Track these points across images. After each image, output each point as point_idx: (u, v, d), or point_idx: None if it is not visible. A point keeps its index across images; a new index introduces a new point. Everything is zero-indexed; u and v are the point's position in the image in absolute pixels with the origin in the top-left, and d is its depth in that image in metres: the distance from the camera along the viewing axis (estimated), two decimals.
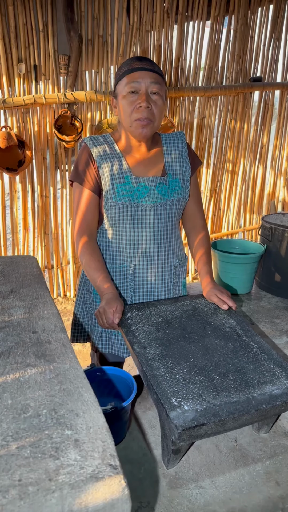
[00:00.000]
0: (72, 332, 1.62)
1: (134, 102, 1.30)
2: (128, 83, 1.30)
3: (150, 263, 1.45)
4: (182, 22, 3.01)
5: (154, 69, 1.31)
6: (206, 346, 1.18)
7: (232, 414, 0.95)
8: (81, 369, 0.85)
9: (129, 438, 1.17)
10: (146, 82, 1.29)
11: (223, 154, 3.52)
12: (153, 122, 1.34)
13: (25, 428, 0.68)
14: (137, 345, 1.17)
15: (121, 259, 1.45)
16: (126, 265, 1.45)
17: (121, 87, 1.33)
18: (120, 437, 1.15)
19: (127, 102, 1.32)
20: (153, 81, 1.30)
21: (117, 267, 1.46)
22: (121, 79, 1.34)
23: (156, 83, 1.30)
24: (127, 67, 1.32)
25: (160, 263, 1.47)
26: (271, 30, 3.29)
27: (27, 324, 1.03)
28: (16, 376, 0.82)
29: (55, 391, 0.78)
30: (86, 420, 0.71)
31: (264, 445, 1.16)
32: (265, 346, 1.20)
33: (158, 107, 1.33)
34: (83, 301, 1.58)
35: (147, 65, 1.31)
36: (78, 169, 1.42)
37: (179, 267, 1.54)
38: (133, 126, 1.33)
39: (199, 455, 1.12)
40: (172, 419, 0.92)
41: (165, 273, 1.49)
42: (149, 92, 1.31)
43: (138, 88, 1.30)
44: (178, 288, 1.56)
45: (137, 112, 1.31)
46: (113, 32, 2.86)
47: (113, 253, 1.46)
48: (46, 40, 2.72)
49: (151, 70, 1.30)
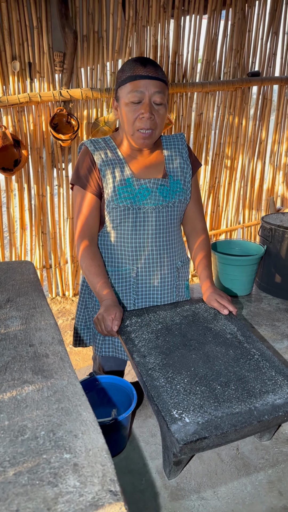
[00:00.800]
0: (74, 336, 1.61)
1: (137, 111, 1.29)
2: (131, 91, 1.27)
3: (153, 266, 1.44)
4: (179, 17, 2.96)
5: (158, 77, 1.28)
6: (207, 354, 1.17)
7: (234, 426, 0.93)
8: (79, 385, 0.83)
9: (130, 448, 1.16)
10: (150, 91, 1.27)
11: (222, 150, 3.48)
12: (155, 131, 1.33)
13: (22, 452, 0.67)
14: (137, 354, 1.15)
15: (124, 262, 1.44)
16: (129, 268, 1.44)
17: (124, 93, 1.30)
18: (121, 447, 1.14)
19: (129, 110, 1.30)
20: (157, 90, 1.27)
21: (120, 270, 1.45)
22: (124, 84, 1.30)
23: (159, 93, 1.28)
24: (130, 72, 1.28)
25: (162, 265, 1.45)
26: (269, 23, 3.24)
27: (24, 336, 1.01)
28: (13, 394, 0.80)
29: (53, 410, 0.76)
30: (85, 441, 0.70)
31: (266, 453, 1.14)
32: (267, 353, 1.18)
33: (161, 116, 1.32)
34: (85, 305, 1.57)
35: (151, 72, 1.27)
36: (79, 173, 1.40)
37: (181, 269, 1.52)
38: (135, 136, 1.33)
39: (200, 465, 1.10)
40: (173, 433, 0.91)
41: (168, 276, 1.48)
42: (152, 102, 1.28)
43: (141, 97, 1.27)
44: (181, 291, 1.54)
45: (140, 121, 1.29)
46: (108, 28, 2.81)
47: (115, 256, 1.45)
48: (40, 37, 2.67)
49: (155, 78, 1.27)
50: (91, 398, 1.20)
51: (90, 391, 1.19)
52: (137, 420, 1.25)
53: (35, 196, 3.05)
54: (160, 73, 1.29)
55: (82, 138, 3.00)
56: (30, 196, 3.04)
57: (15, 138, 2.71)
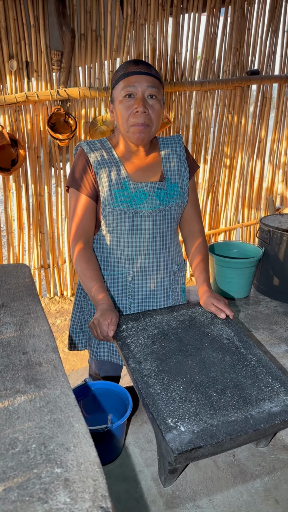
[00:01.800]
0: (69, 339, 1.60)
1: (130, 106, 1.27)
2: (124, 88, 1.27)
3: (149, 270, 1.43)
4: (177, 15, 2.93)
5: (150, 73, 1.28)
6: (203, 360, 1.16)
7: (229, 435, 0.92)
8: (73, 395, 0.82)
9: (125, 454, 1.15)
10: (143, 86, 1.26)
11: (221, 149, 3.46)
12: (151, 127, 1.30)
13: (13, 466, 0.66)
14: (132, 360, 1.14)
15: (120, 266, 1.43)
16: (125, 272, 1.43)
17: (117, 91, 1.30)
18: (116, 454, 1.13)
19: (123, 107, 1.28)
20: (149, 84, 1.26)
21: (116, 274, 1.44)
22: (117, 83, 1.30)
23: (153, 87, 1.27)
24: (123, 71, 1.29)
25: (159, 269, 1.44)
26: (269, 21, 3.21)
27: (17, 343, 1.00)
28: (5, 404, 0.79)
29: (45, 422, 0.75)
30: (77, 455, 0.68)
31: (263, 459, 1.14)
32: (264, 359, 1.17)
33: (156, 112, 1.29)
34: (80, 308, 1.56)
35: (144, 69, 1.27)
36: (74, 175, 1.39)
37: (178, 272, 1.51)
38: (130, 132, 1.30)
39: (196, 472, 1.09)
40: (168, 442, 0.90)
41: (164, 280, 1.46)
42: (145, 96, 1.27)
43: (134, 92, 1.26)
44: (177, 294, 1.53)
45: (134, 117, 1.28)
46: (106, 26, 2.78)
47: (111, 260, 1.43)
48: (38, 36, 2.65)
49: (147, 73, 1.27)
50: (86, 404, 1.19)
51: (85, 397, 1.18)
52: (133, 425, 1.24)
53: (33, 196, 3.03)
54: (153, 70, 1.29)
55: (80, 138, 2.98)
56: (28, 196, 3.02)
57: (13, 137, 2.70)
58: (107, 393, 1.20)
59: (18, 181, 2.95)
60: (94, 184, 1.37)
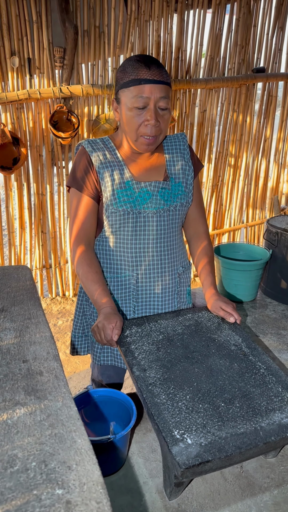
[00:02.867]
0: (71, 344, 1.55)
1: (141, 117, 1.22)
2: (136, 97, 1.20)
3: (154, 272, 1.39)
4: (182, 11, 2.88)
5: (163, 80, 1.21)
6: (210, 368, 1.11)
7: (239, 448, 0.88)
8: (75, 407, 0.78)
9: (129, 465, 1.11)
10: (156, 96, 1.20)
11: (225, 148, 3.41)
12: (159, 136, 1.27)
13: (11, 487, 0.61)
14: (137, 368, 1.10)
15: (123, 268, 1.38)
16: (129, 274, 1.38)
17: (127, 97, 1.22)
18: (119, 465, 1.09)
19: (133, 116, 1.23)
20: (163, 96, 1.21)
21: (119, 276, 1.40)
22: (127, 87, 1.22)
23: (165, 98, 1.22)
24: (134, 75, 1.20)
25: (164, 271, 1.40)
26: (275, 18, 3.16)
27: (17, 351, 0.96)
28: (4, 418, 0.75)
29: (45, 437, 0.71)
30: (79, 474, 0.64)
31: (271, 471, 1.09)
32: (273, 366, 1.13)
33: (165, 121, 1.26)
34: (82, 312, 1.52)
35: (157, 76, 1.20)
36: (75, 175, 1.34)
37: (183, 274, 1.47)
38: (139, 142, 1.27)
39: (203, 484, 1.05)
40: (174, 455, 0.86)
41: (169, 282, 1.42)
42: (157, 108, 1.22)
43: (146, 103, 1.21)
44: (182, 297, 1.49)
45: (145, 128, 1.23)
46: (110, 23, 2.73)
47: (115, 262, 1.39)
48: (40, 32, 2.60)
49: (161, 82, 1.20)
50: (88, 412, 1.15)
51: (87, 405, 1.14)
52: (137, 434, 1.20)
53: (35, 195, 2.99)
54: (165, 75, 1.22)
55: (82, 136, 2.93)
56: (29, 195, 2.98)
57: (14, 136, 2.65)
58: (110, 400, 1.16)
59: (20, 180, 2.90)
60: (96, 184, 1.32)
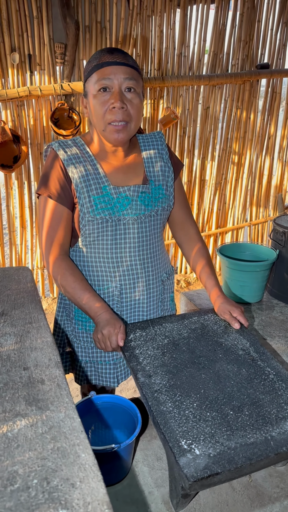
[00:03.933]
0: None
1: (106, 102, 1.14)
2: (98, 80, 1.13)
3: (137, 281, 1.31)
4: (185, 6, 2.83)
5: (128, 63, 1.15)
6: (217, 373, 1.07)
7: (249, 459, 0.84)
8: (78, 418, 0.74)
9: (133, 474, 1.07)
10: (119, 78, 1.13)
11: (229, 146, 3.37)
12: (130, 124, 1.17)
13: (11, 507, 0.58)
14: (141, 374, 1.06)
15: (104, 279, 1.29)
16: (111, 285, 1.30)
17: (91, 85, 1.16)
18: (123, 474, 1.05)
19: (98, 102, 1.15)
20: (127, 76, 1.13)
21: (101, 289, 1.31)
22: (90, 75, 1.16)
23: (130, 79, 1.14)
24: (96, 61, 1.15)
25: (147, 279, 1.33)
26: (279, 13, 3.10)
27: (18, 357, 0.92)
28: (4, 430, 0.71)
29: (47, 451, 0.67)
30: (83, 492, 0.61)
31: (281, 480, 1.06)
32: (283, 372, 1.09)
33: (135, 107, 1.17)
34: (63, 329, 1.42)
35: (120, 58, 1.14)
36: (46, 180, 1.22)
37: (167, 281, 1.41)
38: (107, 131, 1.17)
39: (210, 494, 1.02)
40: (182, 467, 0.82)
41: (153, 290, 1.35)
42: (123, 90, 1.14)
43: (109, 85, 1.13)
44: (166, 304, 1.44)
45: (111, 113, 1.14)
46: (112, 18, 2.69)
47: (94, 274, 1.30)
48: (41, 28, 2.55)
49: (124, 64, 1.14)
50: (92, 419, 1.12)
51: (90, 412, 1.10)
52: (142, 441, 1.16)
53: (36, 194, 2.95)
54: (130, 60, 1.16)
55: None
56: (30, 193, 2.94)
57: (15, 133, 2.61)
58: (114, 407, 1.12)
59: (21, 178, 2.86)
60: (69, 189, 1.21)
